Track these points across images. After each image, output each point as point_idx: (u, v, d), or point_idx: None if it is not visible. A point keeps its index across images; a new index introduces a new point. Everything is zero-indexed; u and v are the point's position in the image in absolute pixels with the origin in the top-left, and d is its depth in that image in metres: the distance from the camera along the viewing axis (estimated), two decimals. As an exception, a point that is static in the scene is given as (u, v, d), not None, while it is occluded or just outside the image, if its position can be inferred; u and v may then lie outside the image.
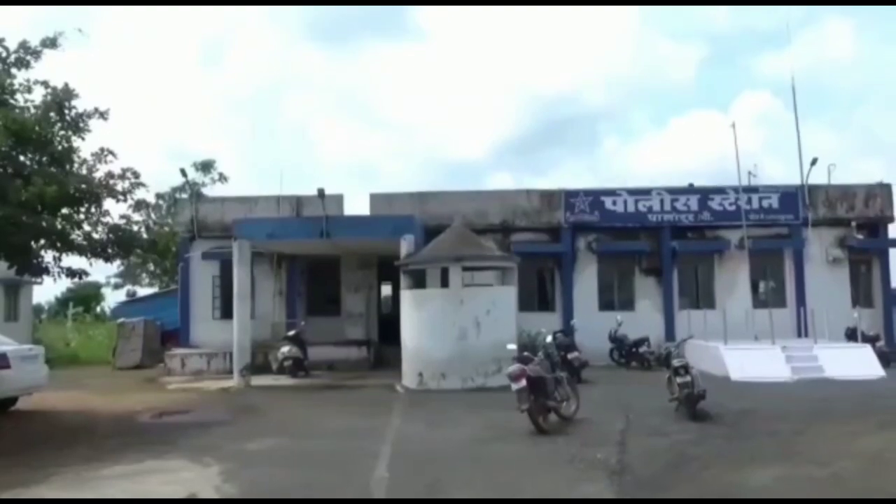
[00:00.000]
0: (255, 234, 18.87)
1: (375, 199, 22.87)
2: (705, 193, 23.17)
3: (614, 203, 23.08)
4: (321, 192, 19.42)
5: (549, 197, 23.26)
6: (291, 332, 19.94)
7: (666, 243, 22.85)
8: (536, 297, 23.15)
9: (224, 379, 19.04)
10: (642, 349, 20.31)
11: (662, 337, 21.70)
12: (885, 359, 18.58)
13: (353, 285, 23.39)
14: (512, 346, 12.49)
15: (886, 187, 23.37)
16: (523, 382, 10.87)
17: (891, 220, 23.20)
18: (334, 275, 23.47)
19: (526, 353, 12.12)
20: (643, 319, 22.19)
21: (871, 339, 19.23)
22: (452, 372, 16.25)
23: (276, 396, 16.11)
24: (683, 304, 22.74)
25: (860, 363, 17.40)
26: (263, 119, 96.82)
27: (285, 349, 19.36)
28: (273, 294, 23.06)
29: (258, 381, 18.29)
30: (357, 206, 24.13)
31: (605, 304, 22.99)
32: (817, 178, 23.40)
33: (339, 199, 22.47)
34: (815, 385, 15.88)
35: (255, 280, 20.93)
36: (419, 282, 17.69)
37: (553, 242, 23.15)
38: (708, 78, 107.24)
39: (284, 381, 18.65)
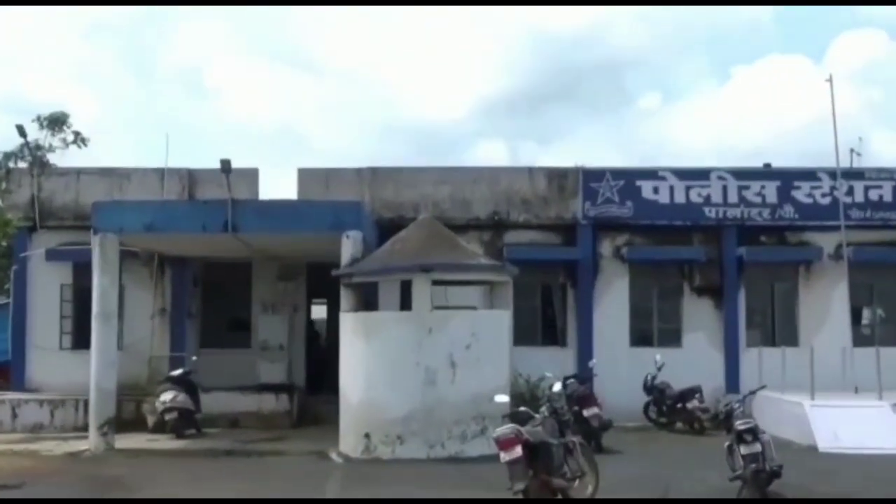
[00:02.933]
0: (126, 225, 18.70)
1: (306, 176, 22.90)
2: (787, 179, 23.41)
3: (655, 190, 23.25)
4: (225, 165, 19.30)
5: (560, 178, 23.39)
6: (177, 372, 19.84)
7: (730, 250, 23.07)
8: (540, 325, 23.30)
9: (75, 439, 18.87)
10: (692, 404, 20.39)
11: (722, 387, 21.86)
12: None
13: (270, 304, 23.24)
14: (502, 398, 12.49)
15: None
16: (518, 451, 10.87)
17: None
18: (243, 288, 23.42)
19: (523, 409, 12.14)
20: (694, 360, 22.34)
21: None
22: (414, 434, 16.26)
23: (152, 467, 16.00)
24: (753, 338, 22.94)
25: None
26: (141, 57, 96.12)
27: (167, 396, 19.23)
28: (152, 314, 22.90)
29: (126, 442, 18.16)
30: (279, 186, 24.14)
31: (640, 338, 23.16)
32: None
33: (251, 175, 22.46)
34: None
35: (124, 292, 20.75)
36: (368, 301, 17.66)
37: (565, 246, 23.28)
38: (792, 11, 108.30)
39: (165, 443, 18.55)
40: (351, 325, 17.33)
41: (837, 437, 17.33)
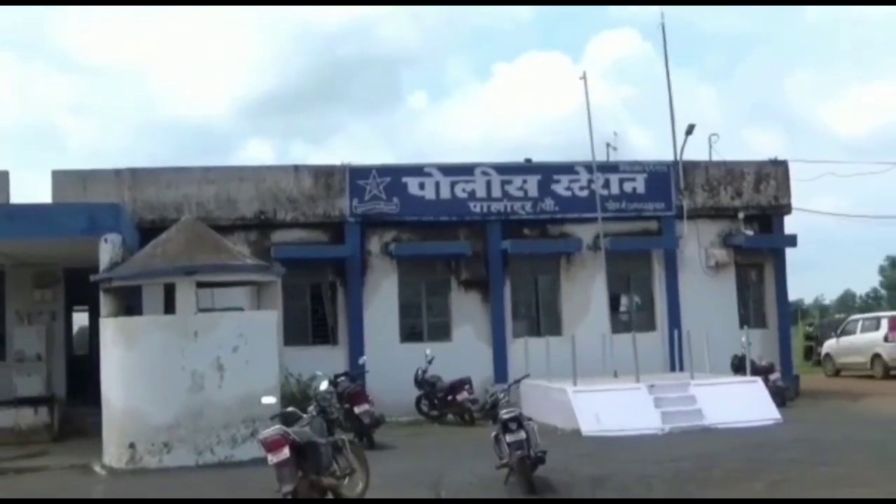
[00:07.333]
0: None
1: (61, 178, 22.27)
2: (547, 173, 24.28)
3: (422, 186, 23.62)
4: (-29, 168, 18.45)
5: (327, 176, 23.45)
6: (-78, 389, 18.81)
7: (494, 244, 23.70)
8: (310, 324, 23.32)
9: None
10: (461, 396, 20.78)
11: (491, 377, 22.37)
12: (780, 396, 20.31)
13: (25, 313, 22.35)
14: (270, 400, 12.42)
15: (782, 165, 25.54)
16: (286, 452, 10.80)
17: (787, 210, 25.39)
18: (-5, 297, 22.35)
19: (290, 409, 12.09)
20: (463, 353, 22.83)
21: (763, 371, 20.94)
22: (181, 440, 15.90)
23: None
24: (519, 329, 23.72)
25: (750, 404, 18.84)
26: None
27: (-89, 416, 18.24)
28: None
29: None
30: (32, 189, 23.20)
31: (410, 334, 23.55)
32: (696, 151, 25.24)
33: (1, 178, 21.78)
34: (692, 437, 17.08)
35: None
36: (132, 306, 17.21)
37: (333, 244, 23.36)
38: (552, 10, 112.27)
39: None
40: (111, 332, 16.80)
41: (599, 420, 18.03)
